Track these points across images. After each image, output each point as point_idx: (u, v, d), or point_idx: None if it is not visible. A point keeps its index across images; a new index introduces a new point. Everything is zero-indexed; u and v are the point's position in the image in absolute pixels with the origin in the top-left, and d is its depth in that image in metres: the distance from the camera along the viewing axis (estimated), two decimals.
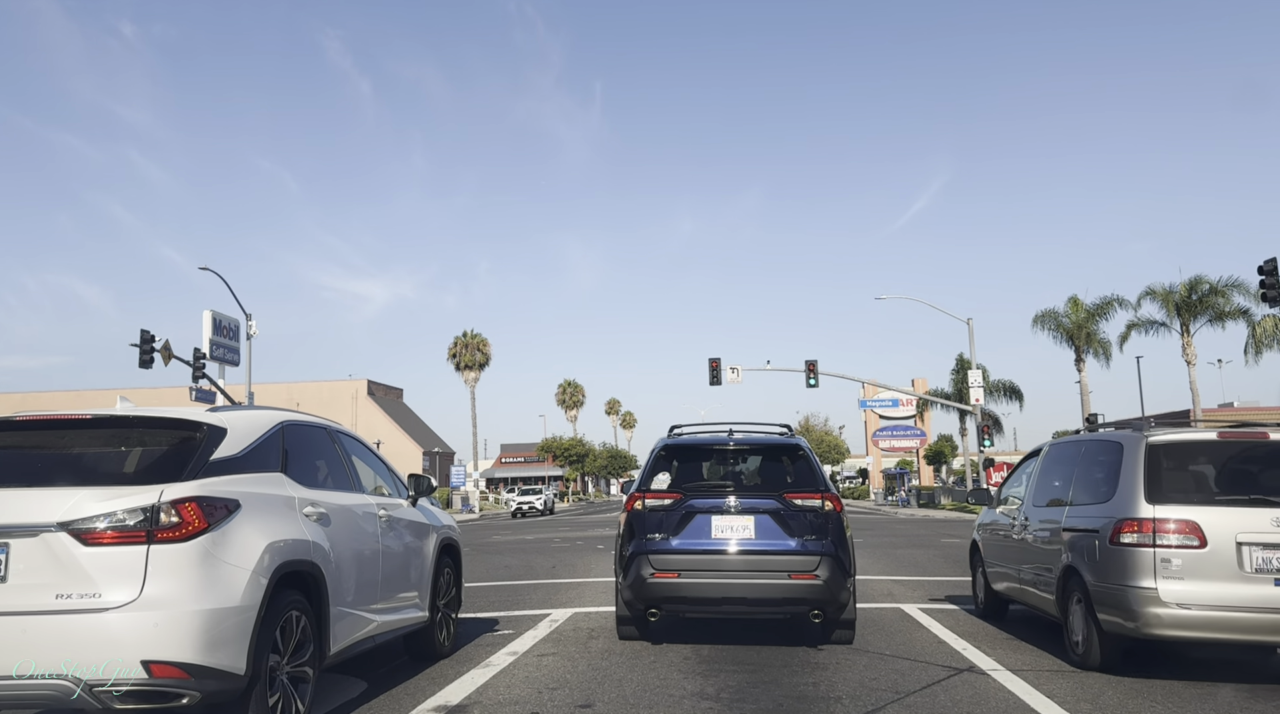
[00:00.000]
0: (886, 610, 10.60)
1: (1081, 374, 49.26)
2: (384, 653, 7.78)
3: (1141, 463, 7.24)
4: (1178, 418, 63.68)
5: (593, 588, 13.04)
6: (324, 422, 6.57)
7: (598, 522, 40.04)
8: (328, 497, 5.90)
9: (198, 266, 42.06)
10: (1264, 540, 6.73)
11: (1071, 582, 7.78)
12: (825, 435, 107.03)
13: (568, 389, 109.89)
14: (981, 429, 46.58)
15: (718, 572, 7.97)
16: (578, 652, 8.01)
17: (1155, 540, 6.90)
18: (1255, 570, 6.71)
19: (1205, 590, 6.74)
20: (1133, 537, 6.98)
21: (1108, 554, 7.18)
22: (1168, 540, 6.87)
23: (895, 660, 7.61)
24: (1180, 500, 7.01)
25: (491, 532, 33.36)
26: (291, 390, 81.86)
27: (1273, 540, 6.72)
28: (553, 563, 17.57)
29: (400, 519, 6.96)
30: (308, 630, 5.35)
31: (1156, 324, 47.93)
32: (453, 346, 78.77)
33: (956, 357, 58.51)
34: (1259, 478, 7.21)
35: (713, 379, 49.44)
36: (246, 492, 5.02)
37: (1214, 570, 6.76)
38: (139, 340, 36.53)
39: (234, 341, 44.65)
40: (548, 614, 10.36)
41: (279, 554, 5.04)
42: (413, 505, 7.38)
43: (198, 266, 42.06)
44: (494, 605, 11.34)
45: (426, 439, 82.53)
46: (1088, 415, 48.00)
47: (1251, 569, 6.71)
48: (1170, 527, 6.88)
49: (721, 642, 8.51)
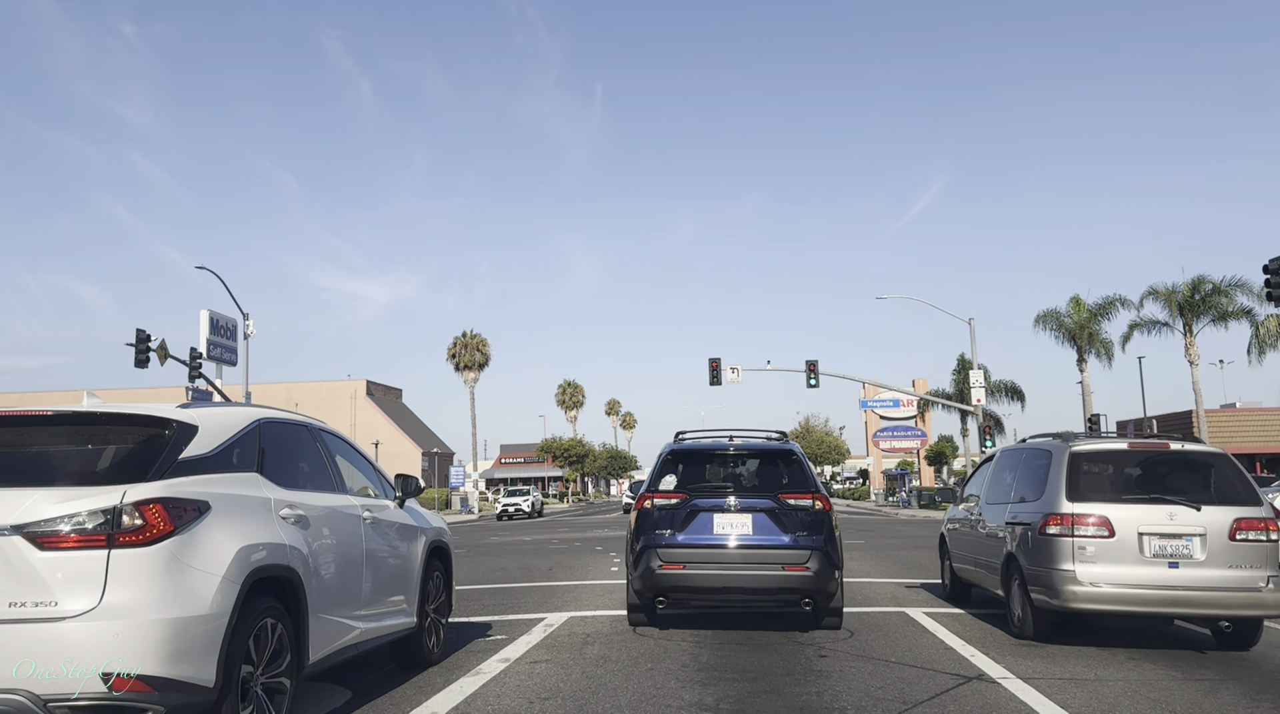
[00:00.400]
0: (891, 615, 10.32)
1: (1084, 374, 48.99)
2: (370, 660, 7.50)
3: (1065, 468, 8.74)
4: (1180, 418, 63.46)
5: (589, 591, 12.76)
6: (305, 419, 6.28)
7: (596, 523, 39.76)
8: (308, 498, 5.62)
9: (195, 266, 41.71)
10: (1160, 531, 8.26)
11: (1011, 567, 9.24)
12: (825, 436, 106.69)
13: (568, 389, 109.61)
14: (983, 430, 46.29)
15: (719, 564, 8.84)
16: (572, 659, 7.73)
17: (1074, 531, 8.38)
18: (1153, 555, 8.24)
19: (1113, 572, 8.24)
20: (1056, 528, 8.48)
21: (1038, 543, 8.66)
22: (1084, 531, 8.35)
23: (901, 668, 7.33)
24: (1095, 498, 8.50)
25: (489, 533, 33.09)
26: (290, 390, 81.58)
27: (1168, 531, 8.25)
28: (550, 565, 17.29)
29: (386, 521, 6.67)
30: (284, 639, 5.07)
31: (1159, 324, 47.64)
32: (452, 347, 78.53)
33: (958, 357, 58.25)
34: (1160, 480, 8.72)
35: (713, 379, 49.18)
36: (217, 492, 4.74)
37: (1120, 555, 8.26)
38: (135, 340, 36.25)
39: (231, 341, 44.39)
40: (542, 618, 10.08)
41: (252, 559, 4.77)
42: (400, 507, 7.10)
43: (195, 266, 41.71)
44: (488, 609, 11.06)
45: (426, 440, 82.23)
46: (1090, 416, 47.77)
47: (1150, 555, 8.24)
48: (1086, 520, 8.37)
49: (722, 647, 8.23)
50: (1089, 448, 8.94)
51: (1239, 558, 8.18)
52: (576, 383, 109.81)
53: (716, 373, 49.43)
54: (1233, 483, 8.62)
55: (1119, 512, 8.37)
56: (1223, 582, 8.13)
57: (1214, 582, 8.13)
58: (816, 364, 49.22)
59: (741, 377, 49.89)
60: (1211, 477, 8.71)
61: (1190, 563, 8.19)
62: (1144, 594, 8.18)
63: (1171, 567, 8.19)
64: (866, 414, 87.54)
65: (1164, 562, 8.22)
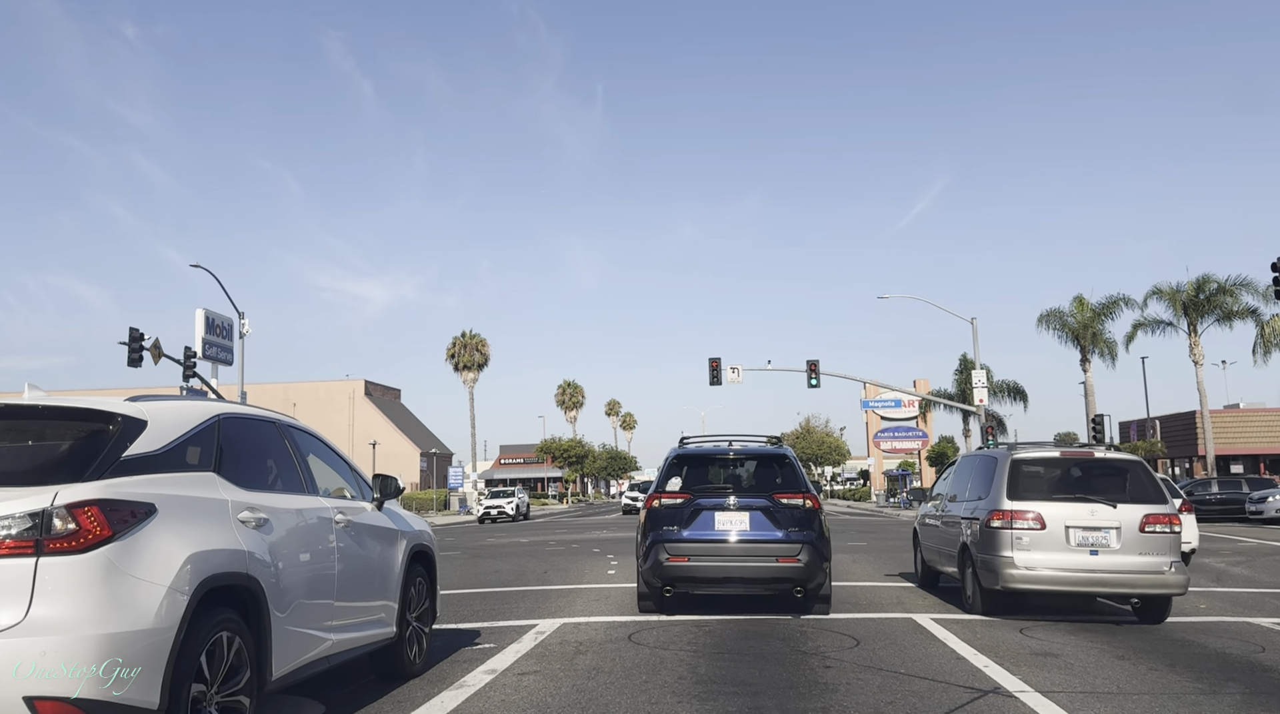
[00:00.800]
0: (897, 621, 9.89)
1: (1087, 374, 48.57)
2: (348, 672, 7.07)
3: (1006, 472, 10.32)
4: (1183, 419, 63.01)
5: (584, 595, 12.33)
6: (273, 415, 5.85)
7: (595, 524, 39.31)
8: (272, 500, 5.19)
9: (190, 264, 41.30)
10: (1083, 524, 9.89)
11: (965, 554, 10.83)
12: (826, 436, 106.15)
13: (567, 390, 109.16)
14: (985, 430, 45.86)
15: (720, 556, 9.83)
16: (562, 670, 7.29)
17: (1013, 525, 9.98)
18: (1076, 545, 9.88)
19: (1044, 558, 9.85)
20: (999, 522, 10.06)
21: (985, 534, 10.24)
22: (1021, 525, 9.96)
23: (911, 680, 6.90)
24: (1030, 497, 10.10)
25: (486, 534, 32.64)
26: (288, 390, 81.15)
27: (1089, 524, 9.88)
28: (545, 568, 16.86)
29: (361, 525, 6.23)
30: (243, 654, 4.64)
31: (1163, 324, 47.27)
32: (451, 347, 78.13)
33: (960, 357, 57.81)
34: (1085, 483, 10.38)
35: (713, 379, 48.77)
36: (166, 494, 4.31)
37: (1050, 544, 9.88)
38: (128, 338, 35.81)
39: (227, 340, 44.00)
40: (534, 625, 9.64)
41: (205, 566, 4.34)
42: (378, 509, 6.66)
43: (190, 264, 41.30)
44: (478, 615, 10.62)
45: (424, 440, 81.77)
46: (1093, 416, 47.32)
47: (1075, 544, 9.87)
48: (1023, 515, 9.99)
49: (721, 658, 7.80)
50: (1028, 455, 10.62)
51: (1147, 547, 9.82)
52: (576, 383, 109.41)
53: (717, 373, 49.02)
54: (1144, 485, 10.18)
55: (1050, 508, 10.02)
56: (1134, 566, 9.80)
57: (1127, 566, 9.82)
58: (817, 364, 48.80)
59: (742, 377, 49.47)
60: (1127, 479, 10.30)
61: (1108, 551, 9.86)
62: (1069, 576, 9.84)
63: (1092, 554, 9.88)
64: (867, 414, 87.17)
65: (1086, 550, 9.90)
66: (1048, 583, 9.87)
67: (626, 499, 56.94)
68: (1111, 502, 9.97)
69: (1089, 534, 9.90)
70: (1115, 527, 9.86)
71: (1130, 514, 9.87)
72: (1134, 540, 9.81)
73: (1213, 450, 46.10)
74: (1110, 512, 9.90)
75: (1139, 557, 9.79)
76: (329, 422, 79.79)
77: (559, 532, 32.39)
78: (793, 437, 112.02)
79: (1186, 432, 62.57)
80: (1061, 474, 10.60)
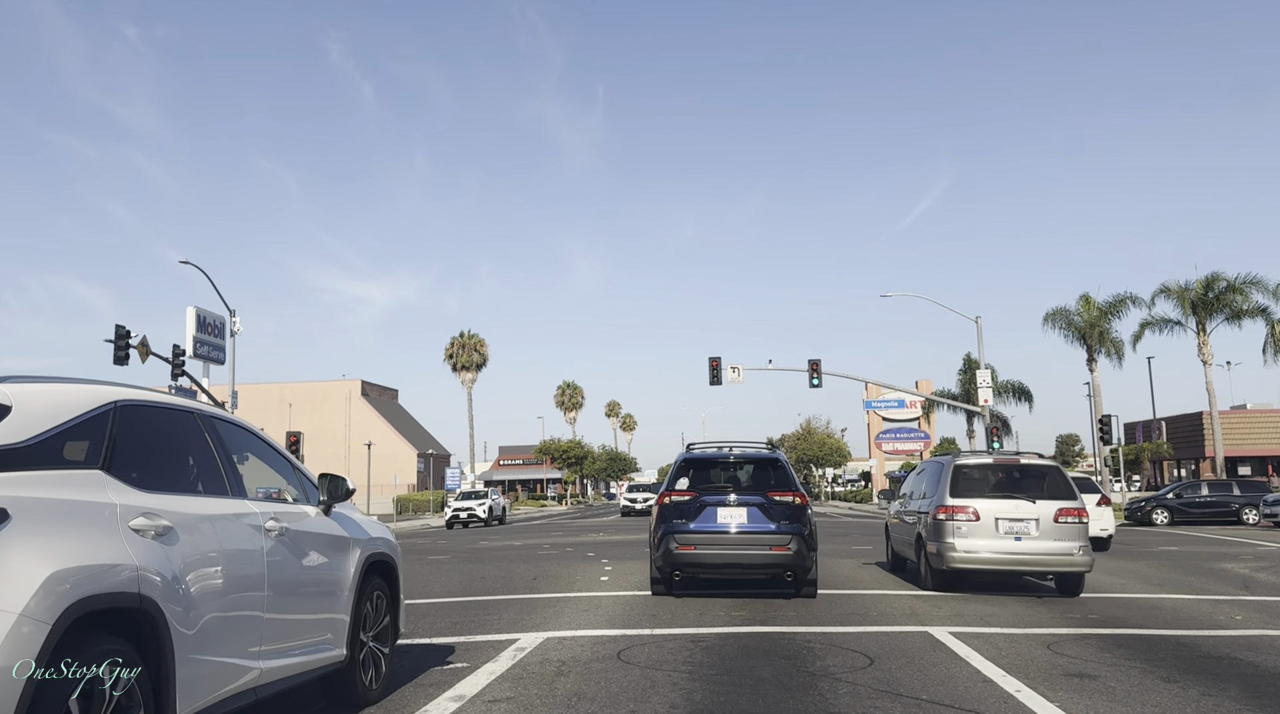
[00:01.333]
0: (913, 636, 9.04)
1: (1094, 374, 47.71)
2: (296, 699, 6.22)
3: (950, 475, 12.61)
4: (1190, 420, 62.13)
5: (574, 605, 11.48)
6: (191, 405, 4.99)
7: (592, 526, 38.44)
8: (182, 504, 4.35)
9: (180, 261, 40.43)
10: (1009, 516, 12.16)
11: (919, 542, 13.07)
12: (827, 438, 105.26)
13: (567, 391, 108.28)
14: (990, 431, 44.98)
15: (722, 545, 11.28)
16: (540, 696, 6.43)
17: (954, 517, 12.23)
18: (1004, 533, 12.14)
19: (978, 544, 12.10)
20: (944, 515, 12.31)
21: (933, 525, 12.48)
22: (960, 517, 12.21)
23: (936, 709, 6.05)
24: (968, 495, 12.37)
25: (479, 537, 31.77)
26: (284, 390, 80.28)
27: (1014, 516, 12.15)
28: (535, 574, 16.01)
29: (301, 533, 5.38)
30: (135, 693, 3.79)
31: (1171, 323, 46.45)
32: (449, 347, 77.29)
33: (964, 357, 56.91)
34: (1011, 484, 12.61)
35: (713, 379, 47.91)
36: (25, 496, 3.47)
37: (983, 532, 12.14)
38: (114, 336, 34.97)
39: (219, 339, 43.23)
40: (515, 640, 8.79)
41: (77, 586, 3.49)
42: (325, 514, 5.80)
43: (180, 261, 40.43)
44: (456, 627, 9.77)
45: (421, 441, 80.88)
46: (1100, 417, 46.49)
47: (1002, 532, 12.13)
48: (963, 510, 12.23)
49: (720, 680, 6.94)
50: (967, 462, 13.02)
51: (1060, 534, 12.11)
52: (576, 384, 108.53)
53: (717, 372, 48.16)
54: (1059, 485, 12.56)
55: (983, 504, 12.35)
56: (1050, 550, 12.09)
57: (1044, 550, 12.10)
58: (819, 363, 47.94)
59: (742, 376, 48.60)
60: (1045, 481, 12.64)
61: (1029, 537, 12.17)
62: (999, 558, 12.22)
63: (1017, 540, 12.19)
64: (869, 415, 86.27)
65: (1012, 537, 12.20)
66: (982, 563, 12.31)
67: (625, 500, 56.03)
68: (1032, 499, 12.37)
69: (1014, 524, 12.26)
70: (1035, 518, 12.24)
71: (1047, 508, 12.27)
72: (1050, 529, 12.19)
73: (1222, 451, 45.20)
74: (1031, 506, 12.31)
75: (1054, 542, 12.14)
76: (325, 422, 78.93)
77: (554, 534, 31.54)
78: (794, 438, 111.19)
79: (1193, 432, 61.71)
80: (993, 477, 12.85)
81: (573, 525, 40.24)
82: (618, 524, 39.59)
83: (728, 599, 11.81)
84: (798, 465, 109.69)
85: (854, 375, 48.60)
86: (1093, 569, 12.59)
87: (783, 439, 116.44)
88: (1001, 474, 12.85)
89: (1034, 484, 12.61)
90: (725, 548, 11.26)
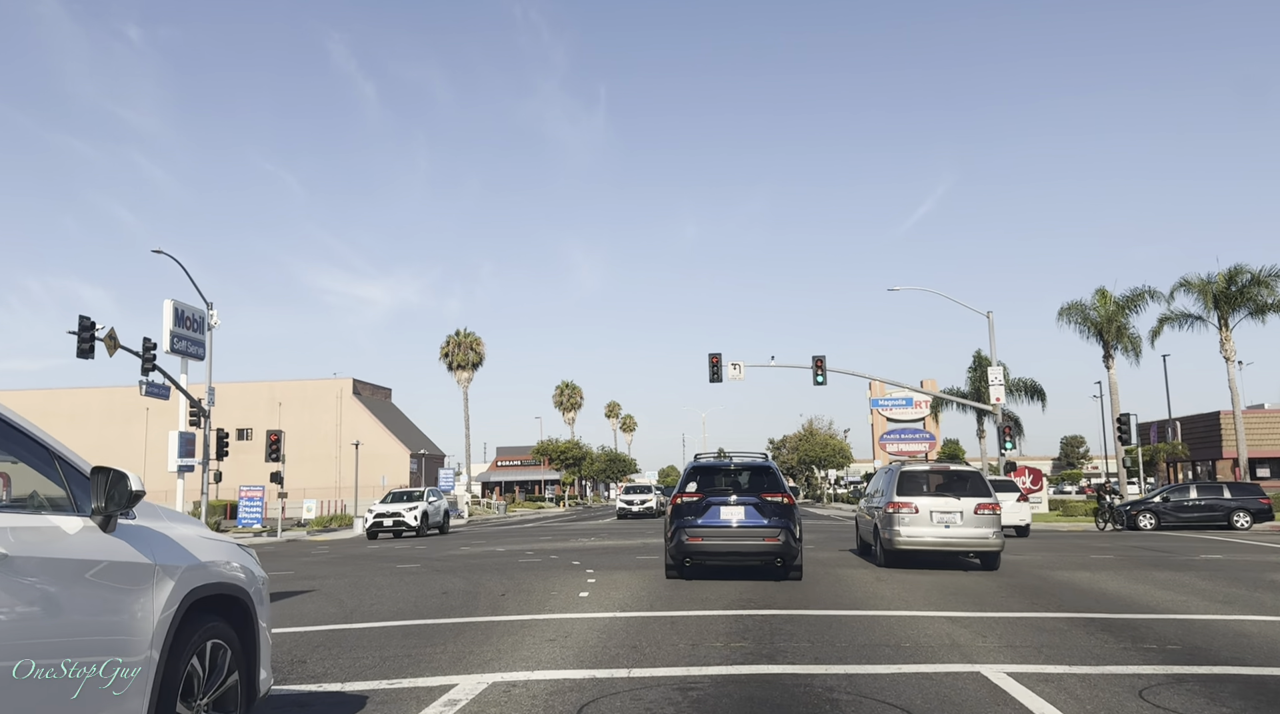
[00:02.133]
0: (961, 677, 7.06)
1: (1110, 371, 45.67)
2: None
3: (897, 478, 16.63)
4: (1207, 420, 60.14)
5: (539, 632, 9.49)
6: None
7: (585, 530, 36.44)
8: None
9: (152, 250, 38.43)
10: (941, 510, 16.08)
11: (875, 531, 17.16)
12: (829, 439, 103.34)
13: (565, 390, 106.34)
14: (1002, 431, 42.99)
15: (724, 537, 13.63)
16: None
17: (899, 511, 16.15)
18: (937, 522, 16.07)
19: (917, 530, 16.09)
20: (892, 510, 16.20)
21: (885, 516, 16.39)
22: (904, 511, 16.15)
23: None
24: (910, 494, 16.28)
25: (460, 542, 29.76)
26: (273, 388, 78.26)
27: (944, 510, 16.07)
28: (506, 587, 14.03)
29: (46, 561, 3.40)
30: None
31: (1191, 318, 44.40)
32: (445, 346, 75.31)
33: (973, 354, 54.91)
34: (942, 485, 16.60)
35: (713, 376, 45.99)
36: None
37: (921, 522, 16.11)
38: (78, 327, 32.98)
39: (198, 333, 41.33)
40: (449, 687, 6.80)
41: None
42: (103, 530, 3.80)
43: (152, 250, 38.43)
44: (381, 666, 7.77)
45: (415, 441, 78.83)
46: (1119, 415, 44.47)
47: (935, 522, 16.07)
48: (906, 505, 16.14)
49: None
50: (909, 469, 16.90)
51: (979, 523, 16.00)
52: (574, 384, 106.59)
53: (717, 369, 46.21)
54: (979, 485, 16.55)
55: (921, 501, 16.17)
56: (971, 534, 16.00)
57: (967, 534, 16.01)
58: (824, 360, 46.00)
59: (744, 373, 46.66)
60: (968, 483, 16.58)
61: (956, 525, 16.01)
62: (934, 541, 16.03)
63: (946, 527, 15.99)
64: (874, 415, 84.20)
65: (942, 525, 16.00)
66: (922, 545, 16.10)
67: (621, 503, 54.00)
68: (958, 496, 16.26)
69: (944, 515, 16.09)
70: (959, 511, 16.10)
71: (969, 504, 16.14)
72: (971, 519, 16.05)
73: (1246, 451, 43.19)
74: (957, 502, 16.17)
75: (974, 529, 16.02)
76: (315, 421, 76.95)
77: (543, 539, 29.56)
78: (795, 439, 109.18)
79: (1209, 433, 59.71)
80: (930, 480, 16.70)
81: (565, 529, 38.25)
82: (612, 528, 37.65)
83: (726, 626, 9.85)
84: (800, 467, 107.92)
85: (860, 372, 46.68)
86: (1003, 550, 16.68)
87: (784, 440, 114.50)
88: (937, 478, 16.84)
89: (960, 485, 16.59)
90: (727, 539, 13.64)
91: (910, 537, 16.00)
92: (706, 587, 13.40)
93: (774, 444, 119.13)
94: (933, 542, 16.02)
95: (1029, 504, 29.14)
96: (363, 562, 21.20)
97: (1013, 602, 11.95)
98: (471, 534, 36.47)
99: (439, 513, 37.75)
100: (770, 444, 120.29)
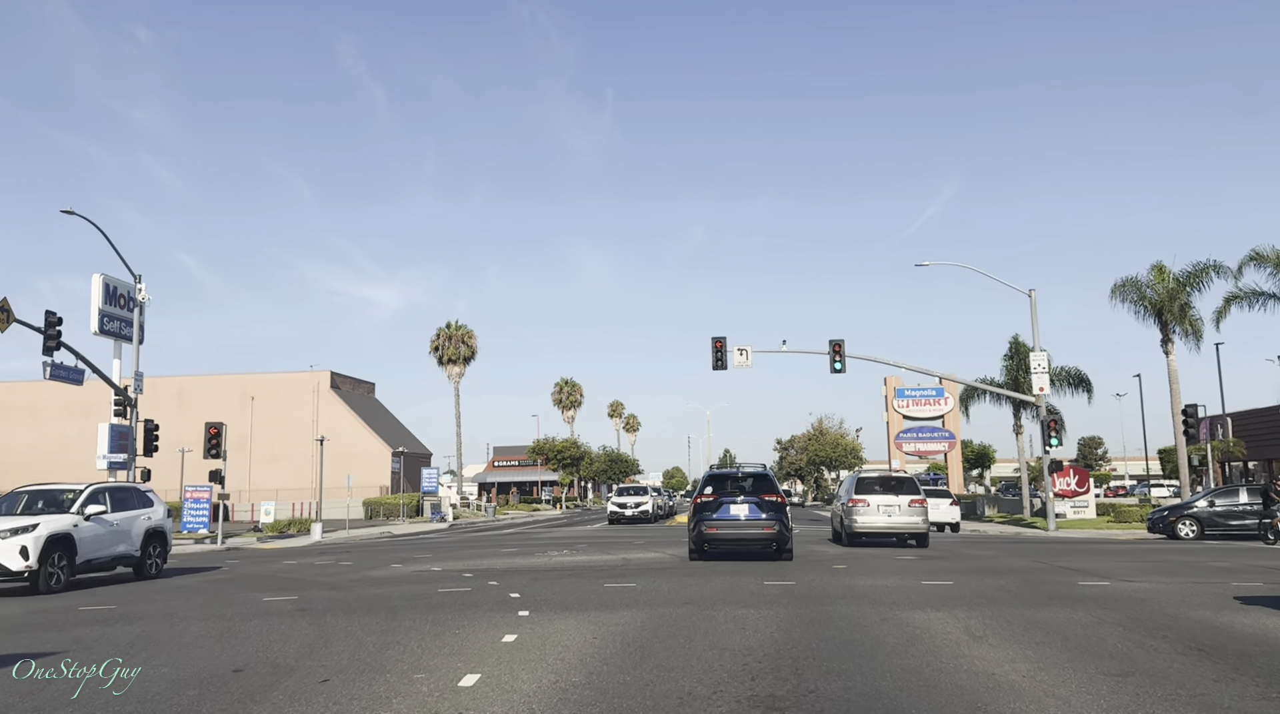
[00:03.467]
0: None
1: (1170, 357, 40.04)
2: None
3: (855, 480, 26.38)
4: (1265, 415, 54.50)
5: None
6: None
7: (563, 539, 30.92)
8: None
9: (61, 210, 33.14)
10: (885, 504, 24.76)
11: (840, 521, 26.56)
12: (840, 439, 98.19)
13: (564, 388, 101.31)
14: (1047, 425, 37.49)
15: (733, 527, 18.88)
16: None
17: (855, 505, 25.04)
18: (884, 513, 24.73)
19: (870, 519, 24.74)
20: (852, 504, 25.13)
21: (846, 509, 25.48)
22: (859, 505, 24.94)
23: None
24: (865, 492, 25.24)
25: (415, 551, 24.23)
26: (245, 381, 72.98)
27: (888, 504, 24.73)
28: (361, 649, 8.63)
29: None
30: None
31: (1264, 296, 38.73)
32: (435, 339, 70.36)
33: (1009, 340, 49.03)
34: (887, 486, 25.40)
35: (716, 362, 40.70)
36: None
37: (872, 513, 24.81)
38: None
39: (128, 312, 36.09)
40: None
41: None
42: None
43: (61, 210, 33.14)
44: None
45: (397, 438, 73.39)
46: (1184, 407, 38.91)
47: (881, 512, 24.74)
48: (862, 500, 25.00)
49: None
50: (864, 475, 26.35)
51: (912, 513, 24.46)
52: (574, 381, 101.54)
53: (721, 355, 40.89)
54: (912, 486, 25.24)
55: (872, 497, 24.72)
56: (907, 522, 24.43)
57: (904, 522, 24.43)
58: (842, 344, 40.64)
59: (751, 360, 41.27)
60: (905, 484, 25.25)
61: (896, 515, 24.44)
62: (881, 527, 24.51)
63: (889, 516, 24.46)
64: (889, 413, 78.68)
65: (886, 515, 24.46)
66: (873, 530, 24.46)
67: (613, 506, 48.49)
68: (897, 494, 24.63)
69: (888, 508, 24.43)
70: (898, 505, 24.42)
71: (904, 500, 24.47)
72: (906, 510, 24.41)
73: None
74: (896, 498, 24.51)
75: (909, 518, 24.37)
76: (289, 417, 71.65)
77: (505, 551, 24.13)
78: (804, 439, 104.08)
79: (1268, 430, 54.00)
80: (879, 482, 25.38)
81: (542, 537, 32.76)
82: (596, 536, 32.21)
83: None
84: (809, 468, 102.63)
85: (881, 358, 41.26)
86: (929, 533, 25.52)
87: (793, 440, 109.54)
88: (883, 482, 25.33)
89: (899, 486, 25.00)
90: (735, 529, 18.86)
91: (866, 524, 24.49)
92: (685, 647, 8.05)
93: (782, 444, 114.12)
94: (881, 528, 24.48)
95: (958, 507, 39.71)
96: (231, 587, 15.85)
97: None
98: (434, 543, 31.00)
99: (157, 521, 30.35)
100: (778, 444, 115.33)
